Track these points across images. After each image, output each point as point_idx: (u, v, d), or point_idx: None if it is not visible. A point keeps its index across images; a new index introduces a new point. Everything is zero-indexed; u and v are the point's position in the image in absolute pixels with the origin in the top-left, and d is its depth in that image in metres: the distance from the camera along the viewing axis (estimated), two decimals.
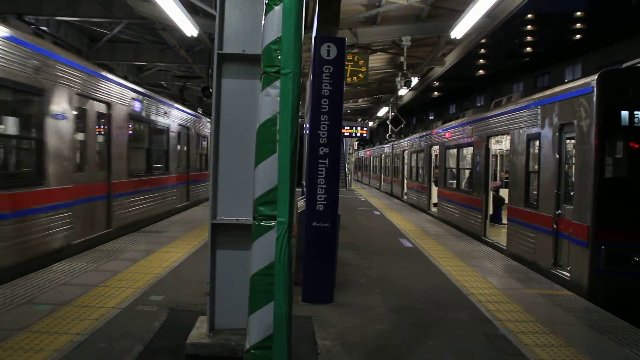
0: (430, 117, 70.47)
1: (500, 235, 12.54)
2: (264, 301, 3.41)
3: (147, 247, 9.70)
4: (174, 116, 15.68)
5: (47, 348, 4.78)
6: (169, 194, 15.33)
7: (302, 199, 7.73)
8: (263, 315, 3.41)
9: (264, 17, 3.50)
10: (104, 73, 10.85)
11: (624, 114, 7.94)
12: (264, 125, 3.45)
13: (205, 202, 17.05)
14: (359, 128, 26.44)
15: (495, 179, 17.25)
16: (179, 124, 16.29)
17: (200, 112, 19.93)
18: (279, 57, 3.43)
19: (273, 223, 3.43)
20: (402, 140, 27.19)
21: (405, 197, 25.15)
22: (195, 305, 6.17)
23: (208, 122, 19.67)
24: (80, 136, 9.77)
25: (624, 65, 10.49)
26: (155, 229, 12.09)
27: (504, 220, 12.84)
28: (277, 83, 3.42)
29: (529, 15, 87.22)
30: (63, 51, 9.36)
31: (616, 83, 8.02)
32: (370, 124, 35.23)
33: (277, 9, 3.41)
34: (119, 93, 11.32)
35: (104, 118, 10.68)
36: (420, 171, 21.64)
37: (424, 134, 21.18)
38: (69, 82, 9.00)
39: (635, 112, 7.92)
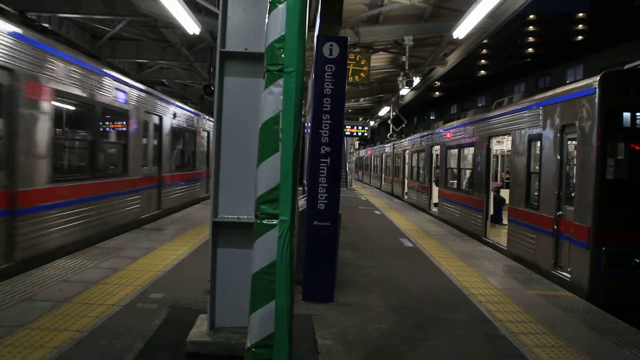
0: (432, 117, 70.46)
1: (500, 235, 12.53)
2: (266, 300, 3.41)
3: (147, 244, 9.70)
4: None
5: (48, 345, 4.78)
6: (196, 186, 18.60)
7: (303, 197, 7.72)
8: (264, 314, 3.41)
9: (267, 15, 3.49)
10: (158, 93, 14.14)
11: (626, 115, 7.93)
12: (266, 123, 3.45)
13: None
14: (360, 127, 26.41)
15: (496, 180, 17.25)
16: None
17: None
18: (283, 56, 3.42)
19: (275, 222, 3.42)
20: (403, 140, 27.18)
21: (405, 197, 25.14)
22: (195, 303, 6.18)
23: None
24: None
25: (626, 67, 10.49)
26: (156, 226, 12.09)
27: (505, 221, 12.84)
28: (280, 81, 3.42)
29: (531, 16, 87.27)
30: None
31: (618, 85, 8.01)
32: (372, 123, 35.20)
33: (281, 7, 3.41)
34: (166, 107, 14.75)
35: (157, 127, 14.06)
36: (421, 171, 21.63)
37: (425, 133, 21.17)
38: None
39: (637, 114, 7.92)
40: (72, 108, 9.52)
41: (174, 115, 15.61)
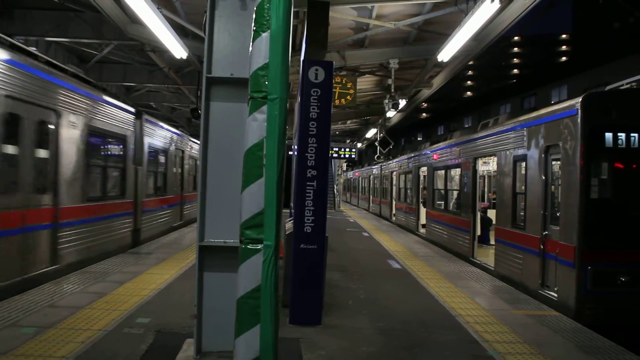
0: (419, 139, 70.88)
1: (488, 256, 12.57)
2: (251, 324, 3.41)
3: (134, 268, 9.64)
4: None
5: None
6: None
7: (289, 220, 7.73)
8: (249, 338, 3.41)
9: (251, 43, 3.55)
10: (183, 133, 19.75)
11: (608, 135, 8.04)
12: (250, 150, 3.49)
13: None
14: (347, 149, 26.52)
15: (483, 200, 17.34)
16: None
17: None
18: (266, 83, 3.47)
19: (260, 246, 3.45)
20: (391, 162, 27.30)
21: (393, 218, 25.17)
22: (182, 328, 6.13)
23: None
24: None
25: (608, 88, 10.64)
26: (143, 250, 12.02)
27: (492, 241, 12.89)
28: (264, 108, 3.47)
29: (516, 38, 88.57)
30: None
31: (600, 105, 8.14)
32: (359, 145, 35.39)
33: (265, 35, 3.47)
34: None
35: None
36: (408, 192, 21.70)
37: (412, 155, 21.30)
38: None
39: (619, 134, 8.03)
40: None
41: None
